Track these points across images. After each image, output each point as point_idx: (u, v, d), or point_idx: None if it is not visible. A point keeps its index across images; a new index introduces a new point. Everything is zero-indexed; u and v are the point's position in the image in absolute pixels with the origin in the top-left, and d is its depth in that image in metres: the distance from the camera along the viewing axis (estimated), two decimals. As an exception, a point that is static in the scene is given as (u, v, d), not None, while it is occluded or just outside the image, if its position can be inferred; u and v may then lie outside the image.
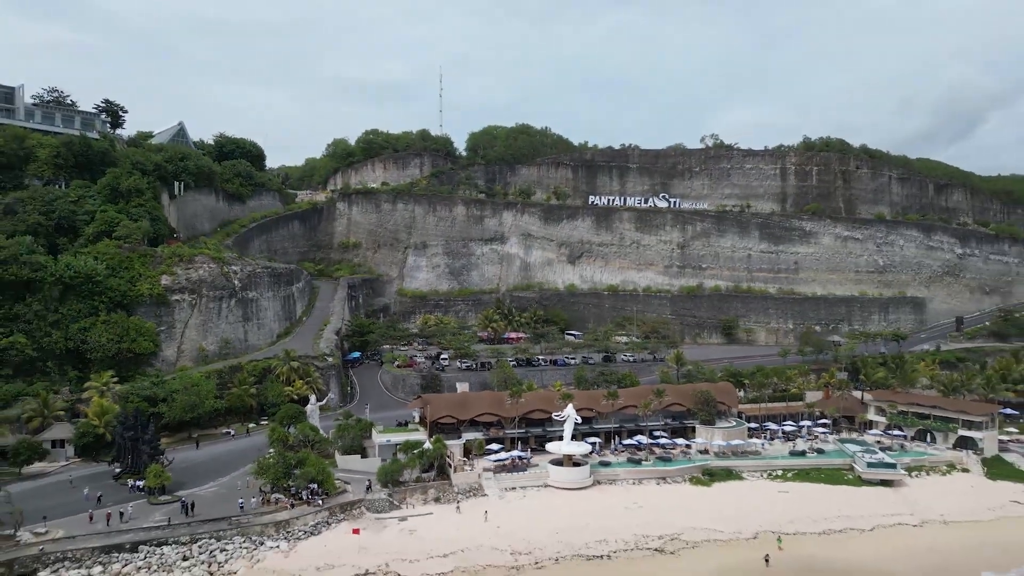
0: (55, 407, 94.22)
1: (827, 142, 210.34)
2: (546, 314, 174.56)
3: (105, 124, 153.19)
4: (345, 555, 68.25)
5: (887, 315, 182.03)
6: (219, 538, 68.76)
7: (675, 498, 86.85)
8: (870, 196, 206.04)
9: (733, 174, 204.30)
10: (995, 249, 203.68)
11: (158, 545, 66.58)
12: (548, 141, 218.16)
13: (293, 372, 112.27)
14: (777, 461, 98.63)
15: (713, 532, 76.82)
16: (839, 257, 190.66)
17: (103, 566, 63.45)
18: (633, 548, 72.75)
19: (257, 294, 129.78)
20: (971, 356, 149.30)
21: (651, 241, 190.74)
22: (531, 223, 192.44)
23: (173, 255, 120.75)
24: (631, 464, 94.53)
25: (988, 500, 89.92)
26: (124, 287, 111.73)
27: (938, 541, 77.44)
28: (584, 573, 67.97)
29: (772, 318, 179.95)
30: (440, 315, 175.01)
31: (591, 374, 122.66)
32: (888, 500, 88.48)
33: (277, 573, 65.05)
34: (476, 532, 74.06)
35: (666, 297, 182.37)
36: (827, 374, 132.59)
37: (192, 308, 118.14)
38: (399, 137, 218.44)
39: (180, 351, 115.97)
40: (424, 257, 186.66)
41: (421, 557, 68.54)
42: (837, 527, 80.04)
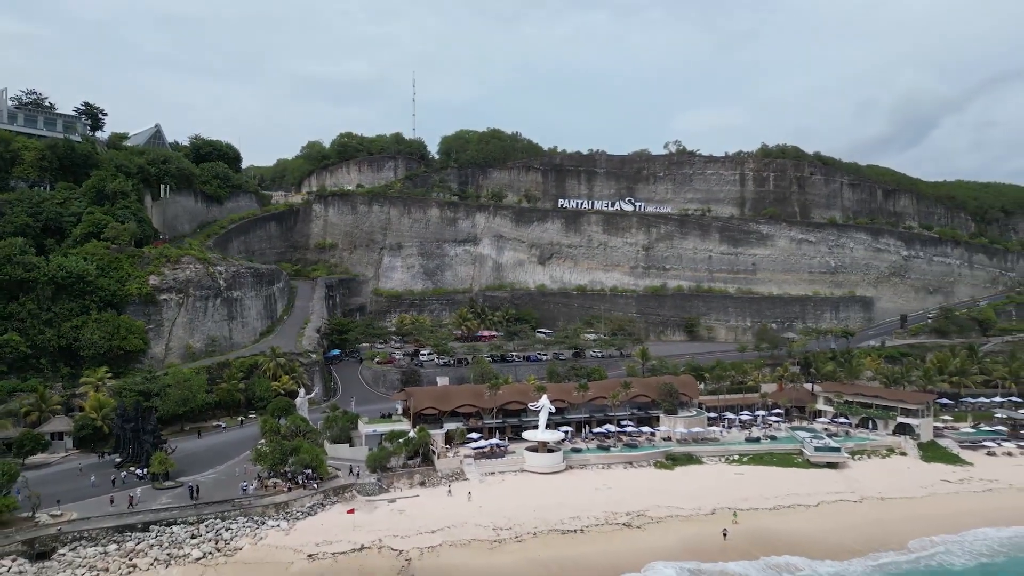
0: (52, 401, 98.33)
1: (783, 149, 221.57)
2: (518, 313, 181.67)
3: (86, 127, 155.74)
4: (341, 532, 74.36)
5: (838, 313, 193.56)
6: (224, 518, 74.33)
7: (641, 480, 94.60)
8: (823, 201, 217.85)
9: (695, 179, 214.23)
10: (938, 251, 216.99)
11: (168, 525, 71.92)
12: (519, 145, 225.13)
13: (279, 368, 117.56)
14: (734, 447, 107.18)
15: (675, 509, 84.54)
16: (794, 259, 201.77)
17: (118, 544, 68.55)
18: (603, 524, 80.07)
19: (241, 294, 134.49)
20: (913, 351, 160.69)
21: (618, 243, 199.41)
22: (503, 225, 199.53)
23: (160, 256, 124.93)
24: (601, 450, 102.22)
25: (921, 480, 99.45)
26: (114, 287, 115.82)
27: (874, 515, 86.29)
28: (560, 545, 74.99)
29: (731, 316, 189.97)
30: (415, 314, 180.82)
31: (562, 369, 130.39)
32: (832, 480, 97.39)
33: (279, 549, 70.83)
34: (461, 511, 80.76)
35: (632, 297, 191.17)
36: (781, 368, 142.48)
37: (179, 307, 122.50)
38: (373, 140, 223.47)
39: (168, 348, 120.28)
40: (399, 258, 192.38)
41: (411, 533, 74.94)
42: (786, 503, 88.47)
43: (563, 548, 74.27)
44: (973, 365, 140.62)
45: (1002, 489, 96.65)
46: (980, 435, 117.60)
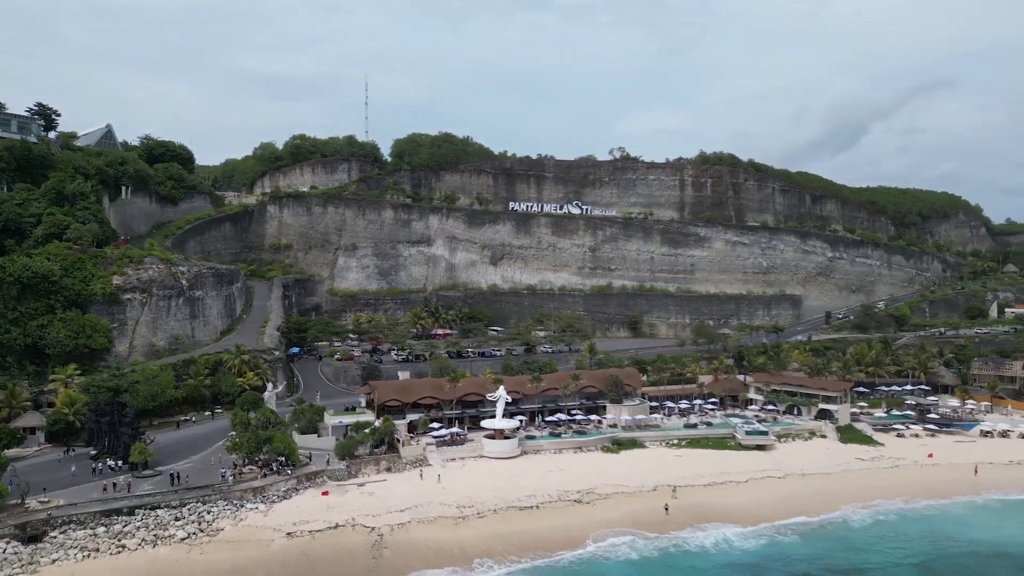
0: (21, 398, 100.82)
1: (720, 156, 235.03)
2: (471, 312, 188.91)
3: (40, 127, 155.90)
4: (316, 513, 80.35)
5: (769, 311, 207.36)
6: (205, 502, 79.37)
7: (590, 463, 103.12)
8: (756, 205, 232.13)
9: (638, 184, 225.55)
10: (860, 253, 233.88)
11: (152, 509, 76.64)
12: (470, 149, 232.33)
13: (244, 364, 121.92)
14: (673, 432, 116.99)
15: (621, 487, 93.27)
16: (729, 260, 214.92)
17: (106, 527, 73.03)
18: (557, 500, 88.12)
19: (203, 293, 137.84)
20: (836, 345, 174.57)
21: (566, 245, 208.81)
22: (456, 227, 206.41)
23: (123, 256, 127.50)
24: (553, 437, 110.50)
25: (838, 458, 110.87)
26: (78, 286, 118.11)
27: (796, 488, 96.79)
28: (518, 520, 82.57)
29: (671, 314, 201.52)
30: (370, 313, 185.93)
31: (516, 363, 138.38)
32: (761, 460, 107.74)
33: (259, 528, 76.44)
34: (427, 492, 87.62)
35: (579, 296, 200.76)
36: (716, 361, 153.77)
37: (143, 306, 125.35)
38: (327, 142, 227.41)
39: (132, 347, 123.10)
40: (354, 258, 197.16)
41: (381, 512, 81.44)
42: (719, 480, 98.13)
43: (521, 522, 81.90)
44: (887, 357, 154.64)
45: (908, 465, 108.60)
46: (891, 419, 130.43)
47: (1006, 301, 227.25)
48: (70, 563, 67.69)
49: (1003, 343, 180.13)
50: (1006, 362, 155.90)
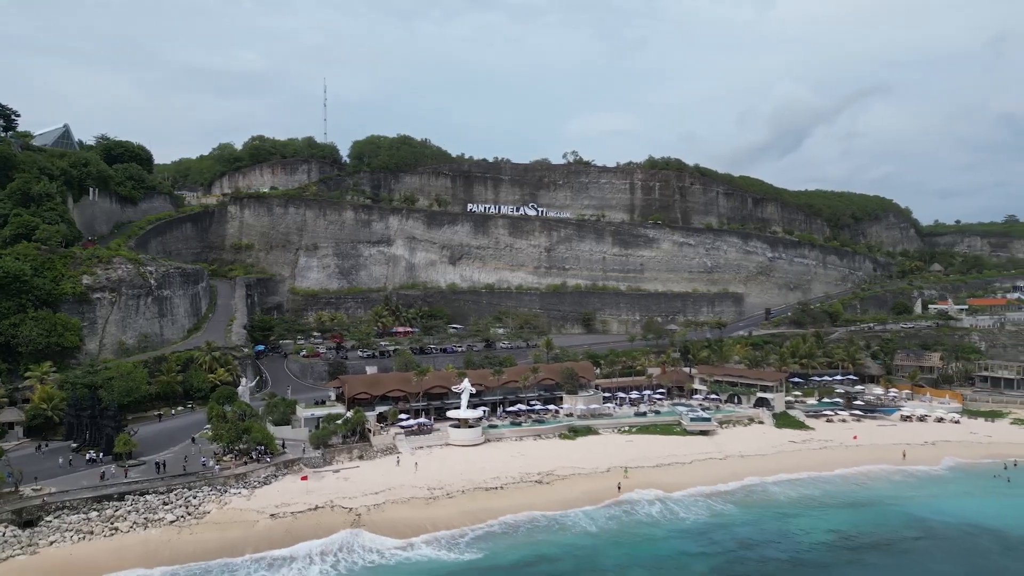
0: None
1: (667, 161, 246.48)
2: (431, 310, 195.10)
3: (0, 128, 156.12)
4: (296, 496, 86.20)
5: (713, 307, 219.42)
6: (190, 488, 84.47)
7: (549, 448, 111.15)
8: (702, 208, 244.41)
9: (591, 187, 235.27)
10: (798, 253, 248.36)
11: (141, 495, 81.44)
12: (428, 152, 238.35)
13: (215, 361, 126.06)
14: (625, 420, 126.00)
15: (577, 469, 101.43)
16: (676, 260, 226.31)
17: (98, 512, 77.64)
18: (519, 482, 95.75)
19: (170, 292, 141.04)
20: (774, 339, 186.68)
21: (522, 245, 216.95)
22: (415, 227, 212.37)
23: (92, 257, 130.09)
24: (513, 426, 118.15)
25: (773, 441, 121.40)
26: (49, 286, 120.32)
27: (734, 467, 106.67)
28: (484, 500, 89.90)
29: (622, 311, 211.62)
30: (332, 312, 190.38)
31: (477, 358, 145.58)
32: (704, 444, 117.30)
33: (244, 511, 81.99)
34: (399, 477, 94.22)
35: (535, 294, 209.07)
36: (664, 355, 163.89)
37: (112, 305, 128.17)
38: (286, 143, 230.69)
39: (102, 345, 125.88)
40: (315, 258, 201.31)
41: (357, 495, 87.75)
42: (667, 462, 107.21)
43: (487, 501, 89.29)
44: (819, 350, 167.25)
45: (834, 447, 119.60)
46: (822, 406, 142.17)
47: (930, 298, 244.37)
48: (67, 545, 72.27)
49: (925, 337, 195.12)
50: (926, 354, 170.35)
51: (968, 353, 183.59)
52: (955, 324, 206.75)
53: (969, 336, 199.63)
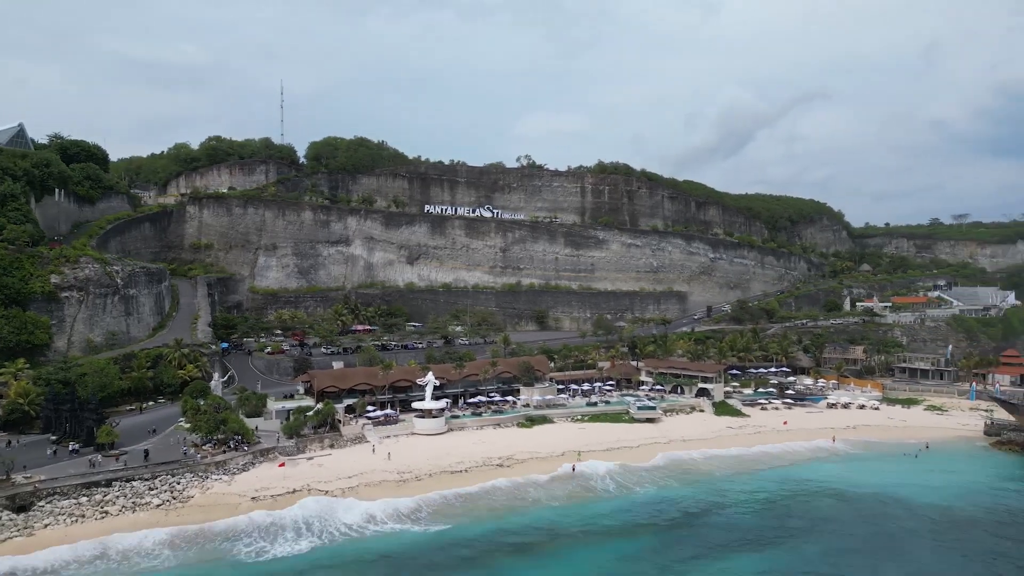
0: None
1: (616, 166, 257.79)
2: (389, 308, 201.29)
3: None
4: (275, 481, 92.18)
5: (659, 305, 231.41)
6: (173, 475, 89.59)
7: (508, 436, 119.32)
8: (648, 211, 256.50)
9: (543, 190, 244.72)
10: (737, 254, 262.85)
11: (127, 481, 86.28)
12: (385, 154, 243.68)
13: (184, 358, 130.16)
14: (577, 410, 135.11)
15: (535, 453, 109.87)
16: (624, 260, 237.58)
17: (88, 497, 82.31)
18: (482, 465, 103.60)
19: (136, 291, 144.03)
20: (715, 335, 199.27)
21: (478, 245, 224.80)
22: (373, 228, 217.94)
23: (60, 256, 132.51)
24: (474, 416, 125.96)
25: (712, 427, 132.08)
26: (17, 285, 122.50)
27: (677, 449, 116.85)
28: (450, 481, 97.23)
29: (574, 309, 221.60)
30: (291, 310, 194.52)
31: (438, 354, 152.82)
32: (650, 430, 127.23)
33: (226, 495, 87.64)
34: (370, 463, 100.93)
35: (491, 293, 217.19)
36: (613, 349, 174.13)
37: (80, 304, 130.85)
38: (243, 144, 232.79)
39: (70, 342, 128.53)
40: (274, 257, 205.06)
41: (332, 479, 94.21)
42: (616, 446, 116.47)
43: (453, 483, 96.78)
44: (755, 344, 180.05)
45: (767, 431, 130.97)
46: (757, 396, 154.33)
47: (858, 296, 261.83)
48: (61, 527, 76.91)
49: (853, 332, 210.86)
50: (851, 347, 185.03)
51: (891, 347, 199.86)
52: (879, 320, 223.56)
53: (892, 331, 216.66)
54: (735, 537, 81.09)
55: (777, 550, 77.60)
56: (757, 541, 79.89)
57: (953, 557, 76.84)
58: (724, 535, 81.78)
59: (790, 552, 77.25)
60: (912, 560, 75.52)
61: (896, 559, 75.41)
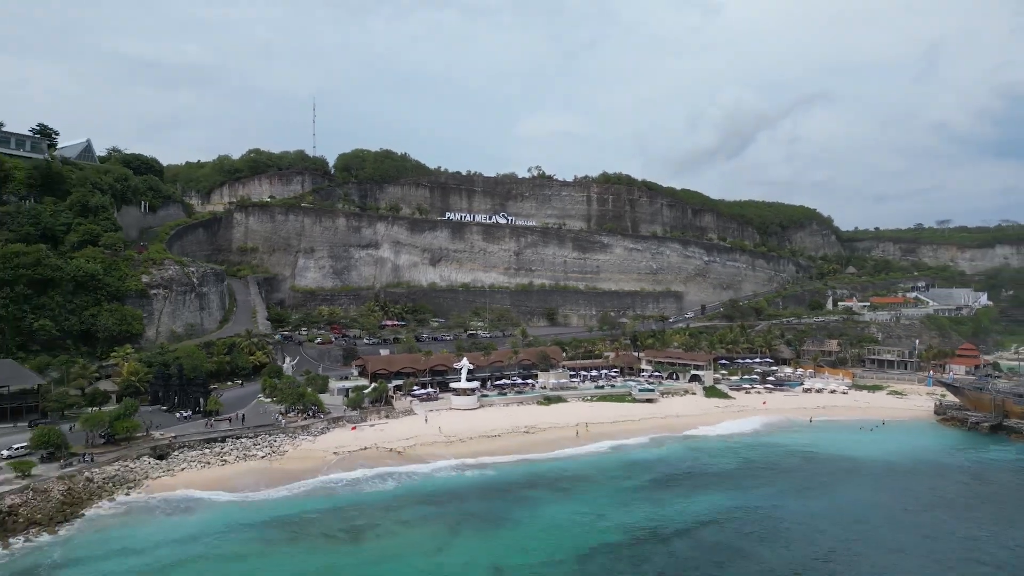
0: (90, 371, 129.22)
1: (619, 177, 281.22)
2: (414, 306, 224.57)
3: (46, 146, 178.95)
4: (349, 441, 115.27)
5: (658, 304, 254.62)
6: (270, 434, 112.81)
7: (529, 411, 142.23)
8: (648, 218, 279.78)
9: (553, 199, 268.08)
10: (730, 258, 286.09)
11: (236, 438, 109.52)
12: (408, 165, 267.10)
13: (253, 345, 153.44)
14: (587, 391, 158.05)
15: (552, 424, 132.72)
16: (626, 263, 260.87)
17: (208, 449, 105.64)
18: (511, 431, 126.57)
19: (207, 289, 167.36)
20: (707, 330, 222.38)
21: (494, 249, 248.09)
22: (400, 233, 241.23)
23: (147, 259, 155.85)
24: (500, 395, 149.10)
25: (702, 406, 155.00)
26: (117, 284, 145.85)
27: (671, 422, 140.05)
28: (486, 443, 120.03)
29: (581, 307, 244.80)
30: (329, 307, 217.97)
31: (466, 344, 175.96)
32: (649, 408, 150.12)
33: (313, 450, 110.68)
34: (421, 428, 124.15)
35: (506, 292, 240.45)
36: (617, 342, 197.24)
37: (165, 300, 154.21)
38: (280, 156, 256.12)
39: (158, 332, 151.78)
40: (312, 260, 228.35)
41: (393, 439, 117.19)
42: (621, 420, 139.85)
43: (488, 444, 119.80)
44: (742, 338, 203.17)
45: (748, 409, 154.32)
46: (742, 381, 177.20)
47: (841, 296, 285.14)
48: (194, 470, 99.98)
49: (833, 329, 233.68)
50: (827, 341, 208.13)
51: (867, 342, 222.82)
52: (858, 318, 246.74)
53: (869, 328, 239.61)
54: (712, 481, 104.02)
55: (745, 489, 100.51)
56: (730, 483, 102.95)
57: (884, 492, 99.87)
58: (704, 479, 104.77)
59: (755, 490, 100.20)
60: (847, 492, 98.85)
61: (835, 493, 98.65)
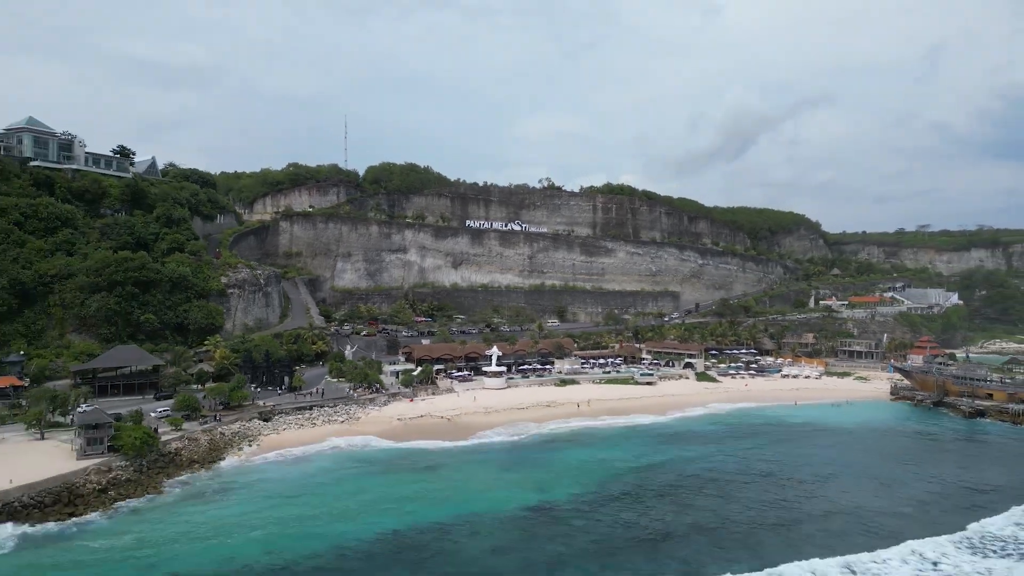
0: (190, 355, 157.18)
1: (621, 187, 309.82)
2: (439, 304, 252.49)
3: (127, 165, 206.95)
4: (408, 411, 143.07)
5: (657, 302, 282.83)
6: (346, 405, 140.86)
7: (549, 390, 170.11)
8: (648, 225, 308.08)
9: (562, 208, 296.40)
10: (722, 261, 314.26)
11: (320, 407, 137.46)
12: (431, 177, 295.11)
13: (315, 336, 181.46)
14: (596, 376, 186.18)
15: (568, 399, 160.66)
16: (629, 266, 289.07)
17: (299, 415, 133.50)
18: (535, 405, 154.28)
19: (270, 288, 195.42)
20: (701, 325, 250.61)
21: (510, 253, 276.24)
22: (425, 239, 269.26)
23: (224, 264, 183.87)
24: (524, 378, 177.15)
25: (694, 389, 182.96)
26: (203, 284, 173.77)
27: (667, 400, 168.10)
28: (516, 414, 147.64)
29: (588, 305, 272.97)
30: (362, 305, 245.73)
31: (492, 336, 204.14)
32: (649, 389, 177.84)
33: (380, 417, 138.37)
34: (464, 402, 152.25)
35: (521, 292, 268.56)
36: (621, 335, 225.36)
37: (239, 298, 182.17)
38: (317, 169, 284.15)
39: (235, 325, 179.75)
40: (349, 263, 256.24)
41: (441, 409, 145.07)
42: (625, 398, 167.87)
43: (518, 415, 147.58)
44: (730, 332, 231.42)
45: (733, 391, 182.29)
46: (730, 369, 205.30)
47: (823, 296, 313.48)
48: (292, 431, 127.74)
49: (814, 325, 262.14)
50: (804, 334, 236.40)
51: (843, 336, 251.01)
52: (836, 315, 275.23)
53: (846, 324, 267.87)
54: (700, 439, 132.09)
55: (728, 444, 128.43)
56: (715, 441, 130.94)
57: (841, 448, 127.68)
58: (694, 438, 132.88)
59: (736, 443, 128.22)
60: (810, 445, 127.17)
61: (801, 446, 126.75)
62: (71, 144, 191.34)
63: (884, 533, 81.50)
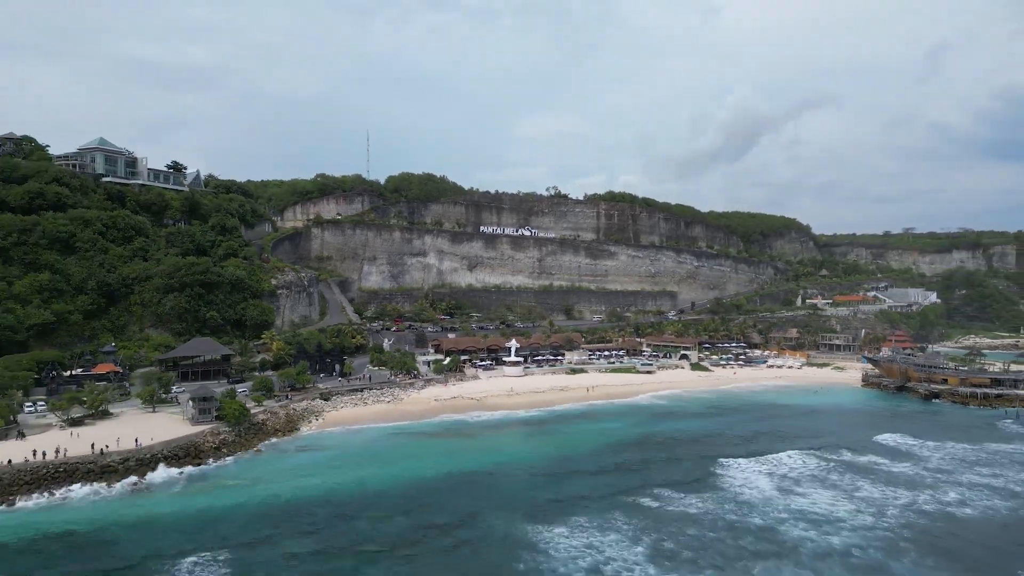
0: (249, 348, 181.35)
1: (623, 195, 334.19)
2: (456, 303, 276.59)
3: (183, 179, 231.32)
4: (442, 393, 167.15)
5: (655, 301, 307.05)
6: (390, 387, 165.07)
7: (561, 377, 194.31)
8: (648, 229, 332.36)
9: (568, 215, 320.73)
10: (717, 263, 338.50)
11: (368, 390, 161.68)
12: (447, 186, 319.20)
13: (355, 331, 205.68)
14: (602, 365, 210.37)
15: (578, 384, 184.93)
16: (630, 268, 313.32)
17: (351, 396, 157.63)
18: (550, 389, 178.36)
19: (312, 289, 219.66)
20: (696, 322, 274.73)
21: (521, 256, 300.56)
22: (443, 244, 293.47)
23: (273, 267, 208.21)
24: (538, 367, 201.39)
25: (688, 376, 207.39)
26: (256, 285, 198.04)
27: (664, 384, 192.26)
28: (534, 396, 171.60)
29: (593, 303, 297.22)
30: (388, 304, 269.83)
31: (508, 331, 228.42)
32: (649, 377, 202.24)
33: (419, 399, 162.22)
34: (488, 387, 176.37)
35: (531, 292, 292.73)
36: (623, 331, 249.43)
37: (286, 298, 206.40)
38: (343, 180, 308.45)
39: (283, 321, 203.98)
40: (374, 266, 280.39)
41: (471, 392, 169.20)
42: (627, 384, 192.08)
43: (536, 397, 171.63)
44: (722, 328, 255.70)
45: (722, 379, 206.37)
46: (721, 360, 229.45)
47: (810, 295, 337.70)
48: (347, 408, 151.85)
49: (800, 321, 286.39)
50: (789, 329, 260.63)
51: (826, 331, 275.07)
52: (821, 313, 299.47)
53: (829, 321, 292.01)
54: (693, 415, 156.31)
55: (716, 418, 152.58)
56: (706, 416, 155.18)
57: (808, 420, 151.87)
58: (688, 414, 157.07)
59: (723, 418, 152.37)
60: (783, 418, 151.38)
61: (781, 419, 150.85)
62: (135, 161, 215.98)
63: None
